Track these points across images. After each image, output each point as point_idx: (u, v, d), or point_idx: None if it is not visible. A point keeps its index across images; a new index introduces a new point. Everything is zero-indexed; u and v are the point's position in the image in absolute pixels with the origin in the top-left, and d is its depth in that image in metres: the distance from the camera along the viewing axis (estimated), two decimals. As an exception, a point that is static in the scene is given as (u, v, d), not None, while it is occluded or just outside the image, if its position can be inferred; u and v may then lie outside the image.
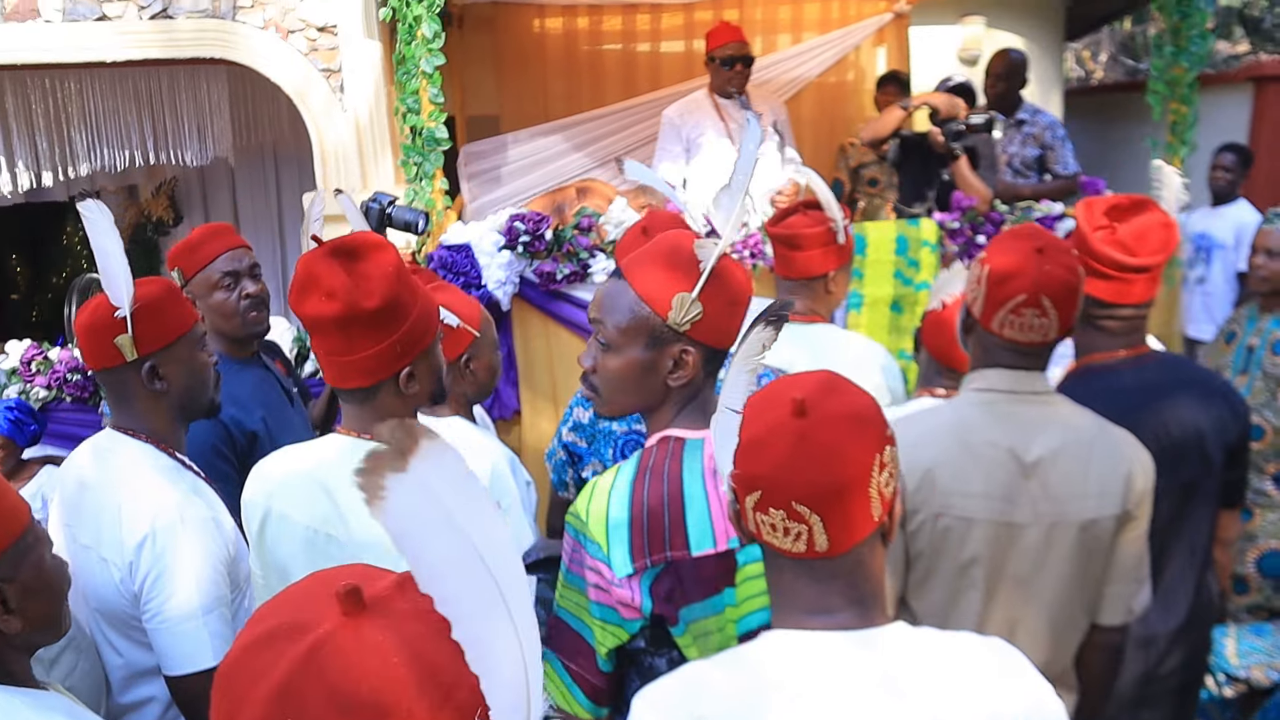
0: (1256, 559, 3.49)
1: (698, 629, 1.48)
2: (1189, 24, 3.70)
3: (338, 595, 0.75)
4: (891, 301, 3.78)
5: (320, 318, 1.64)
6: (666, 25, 5.78)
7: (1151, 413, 2.18)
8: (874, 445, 1.15)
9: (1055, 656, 1.91)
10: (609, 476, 1.56)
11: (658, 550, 1.46)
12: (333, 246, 1.67)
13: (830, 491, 1.13)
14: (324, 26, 4.26)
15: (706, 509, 1.48)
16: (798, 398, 1.15)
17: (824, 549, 1.14)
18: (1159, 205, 2.23)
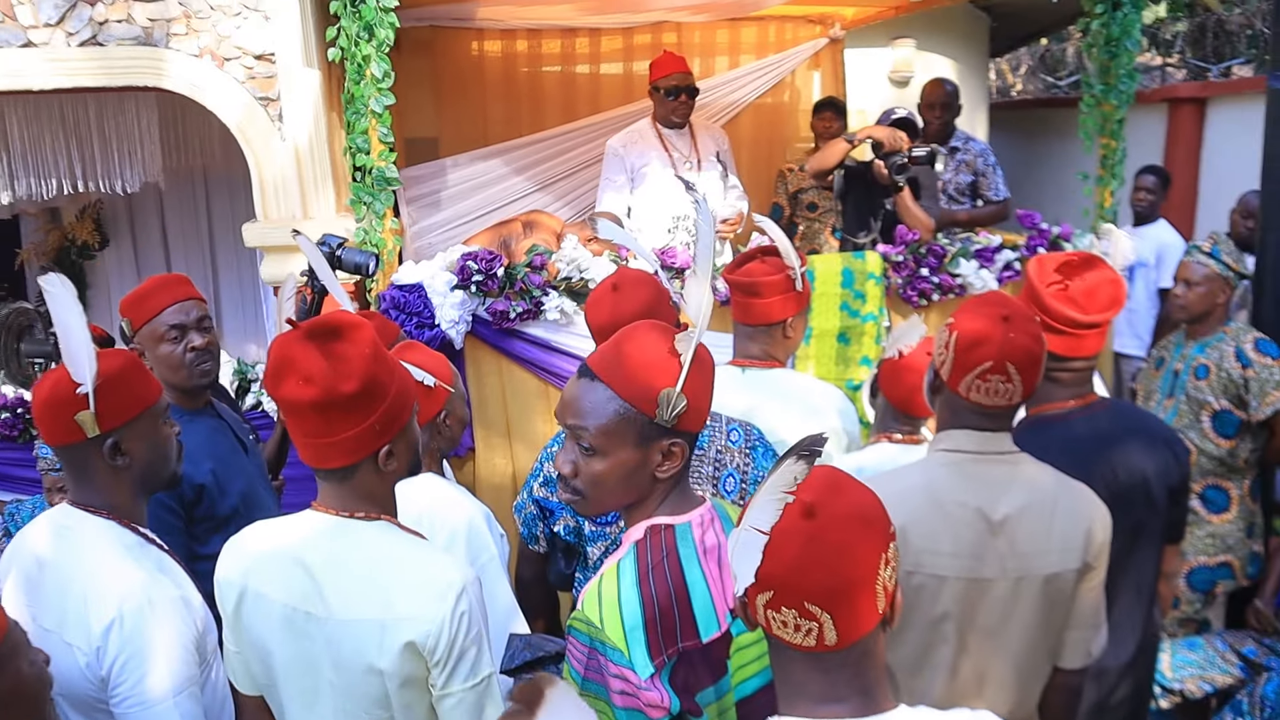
0: (1186, 574, 3.63)
1: (715, 710, 1.52)
2: (1118, 63, 3.84)
3: None
4: (838, 333, 3.85)
5: (298, 402, 1.62)
6: (606, 49, 5.80)
7: (1102, 460, 2.28)
8: (880, 545, 1.20)
9: (1022, 701, 1.99)
10: (612, 580, 1.55)
11: (671, 644, 1.49)
12: (308, 329, 1.65)
13: (840, 591, 1.17)
14: (261, 54, 4.19)
15: (708, 594, 1.52)
16: (806, 500, 1.18)
17: (833, 643, 1.18)
18: (1106, 262, 2.31)
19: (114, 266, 6.01)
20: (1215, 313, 3.56)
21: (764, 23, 5.91)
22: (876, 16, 5.69)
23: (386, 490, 1.79)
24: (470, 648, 1.75)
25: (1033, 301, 2.26)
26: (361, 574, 1.70)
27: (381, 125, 3.41)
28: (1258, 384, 3.42)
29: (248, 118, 4.22)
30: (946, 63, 6.81)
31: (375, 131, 3.41)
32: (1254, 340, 3.49)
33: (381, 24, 3.28)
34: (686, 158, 4.58)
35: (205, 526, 2.51)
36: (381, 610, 1.67)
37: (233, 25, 4.16)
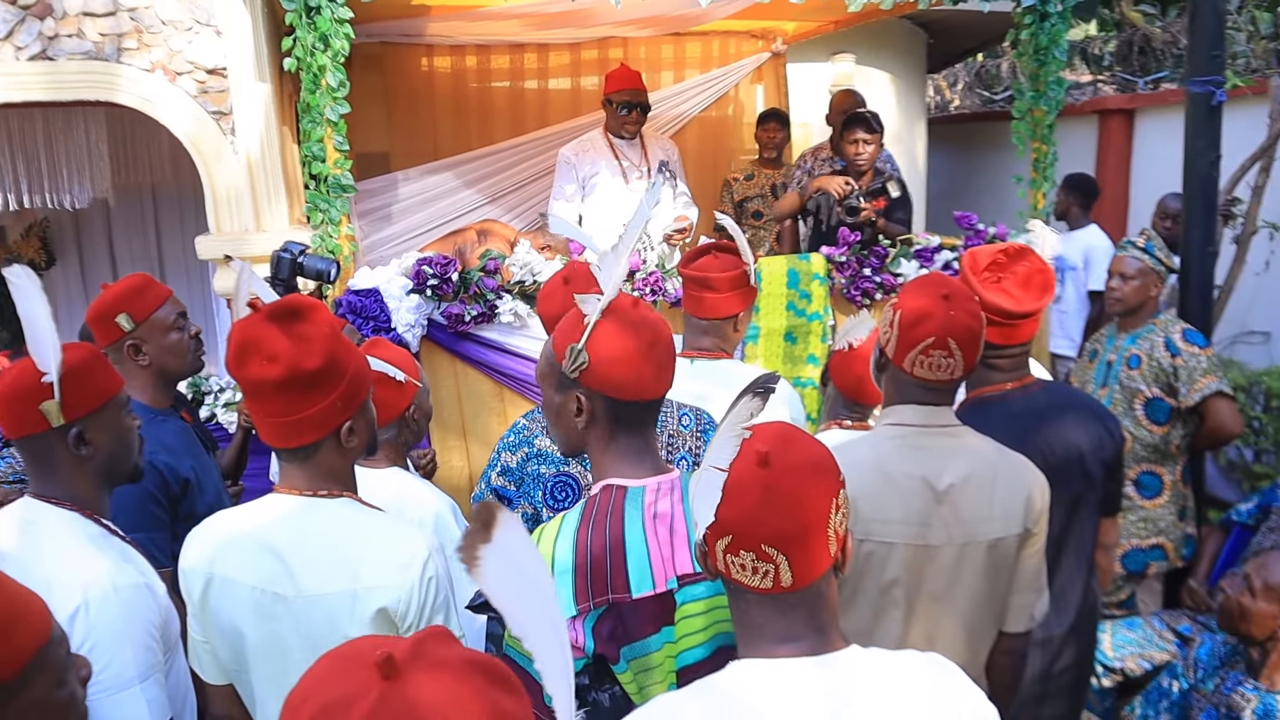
0: (1121, 555, 3.76)
1: (639, 665, 1.59)
2: (1046, 71, 4.01)
3: (376, 664, 0.84)
4: (785, 332, 3.96)
5: (263, 381, 1.67)
6: (554, 64, 5.89)
7: (1038, 435, 2.39)
8: (831, 490, 1.28)
9: (969, 664, 2.06)
10: (555, 524, 1.65)
11: (600, 593, 1.56)
12: (270, 310, 1.71)
13: (795, 534, 1.25)
14: (213, 69, 4.22)
15: (646, 554, 1.59)
16: (761, 450, 1.27)
17: (789, 584, 1.26)
18: (1036, 254, 2.43)
19: (61, 285, 5.95)
20: (1147, 305, 3.73)
21: (708, 38, 6.04)
22: (816, 31, 5.84)
23: (347, 467, 1.85)
24: (439, 613, 1.81)
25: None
26: (329, 549, 1.74)
27: (337, 134, 3.46)
28: (1186, 372, 3.57)
29: (200, 131, 4.24)
30: (885, 77, 7.01)
31: (330, 140, 3.46)
32: (1182, 330, 3.65)
33: (337, 34, 3.34)
34: (636, 167, 4.69)
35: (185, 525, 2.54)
36: (351, 581, 1.72)
37: (184, 40, 4.19)
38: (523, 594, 0.90)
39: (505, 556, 0.89)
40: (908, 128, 7.35)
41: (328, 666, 0.88)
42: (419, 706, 0.83)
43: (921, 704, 1.28)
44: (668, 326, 1.71)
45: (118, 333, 2.55)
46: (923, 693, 1.29)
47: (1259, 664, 2.58)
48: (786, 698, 1.25)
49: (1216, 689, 2.69)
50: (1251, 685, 2.59)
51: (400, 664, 0.84)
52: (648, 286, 3.76)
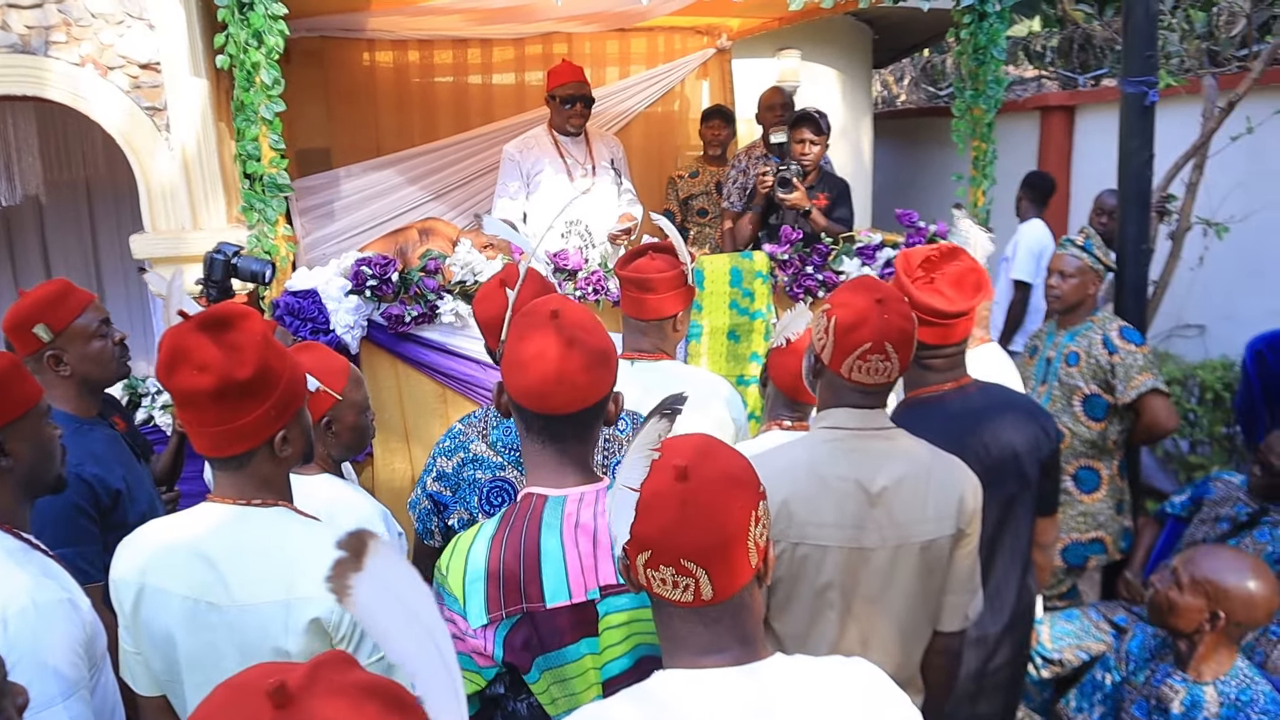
0: (1061, 549, 3.83)
1: (554, 675, 1.58)
2: (985, 70, 4.05)
3: (267, 694, 0.82)
4: (728, 330, 3.96)
5: (194, 391, 1.64)
6: (498, 59, 5.84)
7: (974, 436, 2.41)
8: (750, 503, 1.28)
9: (905, 663, 2.10)
10: (472, 532, 1.64)
11: (513, 602, 1.56)
12: (200, 319, 1.67)
13: (714, 547, 1.24)
14: (146, 64, 4.13)
15: (563, 564, 1.58)
16: (679, 464, 1.26)
17: (709, 597, 1.26)
18: (968, 254, 2.45)
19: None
20: (1086, 303, 3.79)
21: (653, 34, 6.03)
22: (761, 28, 5.85)
23: (282, 477, 1.82)
24: None
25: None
26: (263, 558, 1.72)
27: (272, 132, 3.40)
28: (1123, 369, 3.63)
29: (133, 127, 4.15)
30: (831, 73, 7.04)
31: (266, 139, 3.40)
32: (1119, 328, 3.71)
33: (270, 31, 3.28)
34: (581, 164, 4.66)
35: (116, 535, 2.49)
36: (285, 591, 1.69)
37: (115, 34, 4.10)
38: (402, 624, 0.89)
39: (379, 585, 0.88)
40: (854, 123, 7.40)
41: (221, 697, 0.87)
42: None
43: (845, 712, 1.28)
44: (593, 338, 1.67)
45: (36, 344, 2.48)
46: (847, 701, 1.30)
47: (1187, 656, 2.63)
48: (712, 707, 1.25)
49: (1147, 681, 2.74)
50: (1180, 677, 2.64)
51: (293, 692, 0.83)
52: (590, 286, 3.75)
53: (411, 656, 0.89)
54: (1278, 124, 5.11)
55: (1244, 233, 5.27)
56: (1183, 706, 2.60)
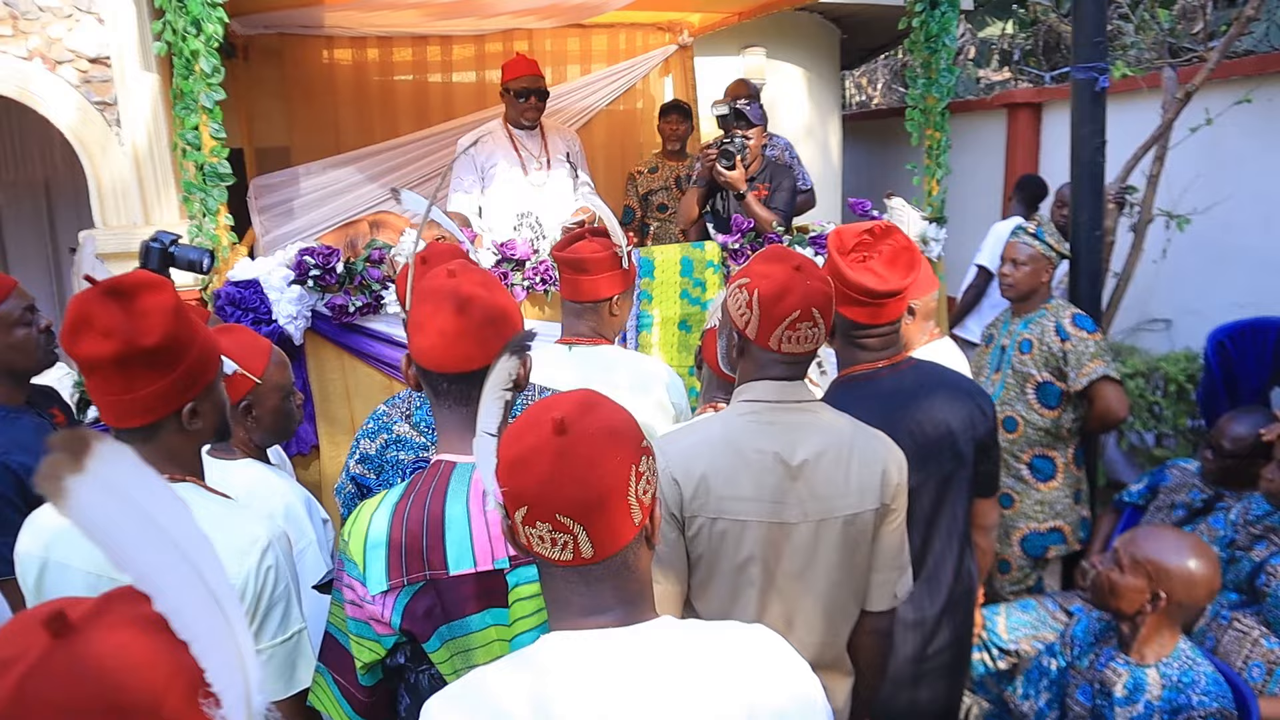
0: (1019, 540, 3.81)
1: (458, 645, 1.54)
2: (937, 59, 4.04)
3: (43, 622, 0.78)
4: (680, 320, 3.94)
5: (97, 358, 1.61)
6: (458, 56, 5.82)
7: (907, 414, 2.38)
8: (629, 457, 1.24)
9: (830, 643, 2.07)
10: (376, 499, 1.62)
11: (415, 569, 1.53)
12: (107, 286, 1.64)
13: (591, 503, 1.21)
14: (96, 58, 4.10)
15: (468, 531, 1.55)
16: (557, 417, 1.22)
17: (589, 556, 1.22)
18: (901, 232, 2.42)
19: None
20: (1040, 290, 3.78)
21: (614, 30, 6.02)
22: (722, 23, 5.84)
23: (192, 452, 1.79)
24: (279, 603, 1.75)
25: (833, 274, 2.32)
26: None
27: (212, 120, 3.37)
28: (1075, 356, 3.62)
29: (83, 122, 4.12)
30: (797, 71, 7.04)
31: (206, 127, 3.37)
32: (1072, 315, 3.70)
33: (209, 19, 3.24)
34: (536, 158, 4.64)
35: None
36: None
37: (64, 28, 4.07)
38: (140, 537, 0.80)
39: (109, 492, 0.78)
40: (821, 123, 7.40)
41: (5, 627, 0.83)
42: (87, 663, 0.78)
43: (732, 675, 1.25)
44: (491, 293, 1.66)
45: None
46: (735, 664, 1.26)
47: (1129, 639, 2.61)
48: (593, 667, 1.22)
49: (1091, 665, 2.71)
50: (1123, 660, 2.61)
51: (74, 621, 0.79)
52: (538, 275, 3.72)
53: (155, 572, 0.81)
54: (1236, 116, 5.11)
55: (1205, 225, 5.27)
56: (1126, 690, 2.57)
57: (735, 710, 1.21)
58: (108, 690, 0.77)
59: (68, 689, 0.77)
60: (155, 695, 0.79)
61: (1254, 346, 4.74)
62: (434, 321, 1.61)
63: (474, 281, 1.66)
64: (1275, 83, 5.24)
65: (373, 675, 1.58)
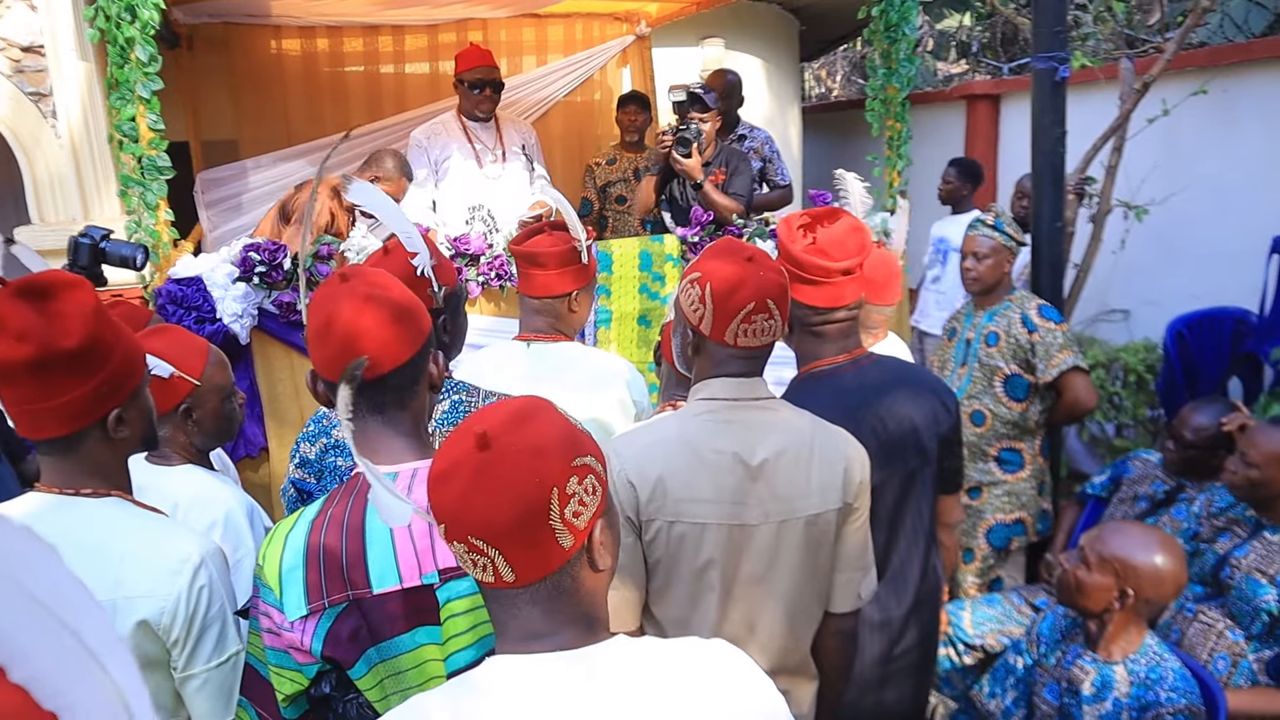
0: (985, 532, 3.78)
1: (388, 669, 1.44)
2: (897, 49, 3.99)
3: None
4: (639, 316, 3.86)
5: (10, 362, 1.50)
6: (411, 47, 5.70)
7: (870, 410, 2.32)
8: (553, 478, 1.12)
9: (794, 646, 2.00)
10: (292, 518, 1.50)
11: (337, 590, 1.42)
12: (19, 286, 1.53)
13: (504, 527, 1.10)
14: (30, 46, 3.95)
15: (391, 546, 1.44)
16: (480, 431, 1.13)
17: (510, 580, 1.13)
18: (848, 211, 2.36)
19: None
20: (1003, 282, 3.74)
21: (570, 20, 5.93)
22: (680, 14, 5.77)
23: (119, 462, 1.69)
24: (213, 624, 1.66)
25: (785, 259, 2.27)
26: (88, 554, 1.58)
27: (150, 112, 3.24)
28: (1043, 347, 3.59)
29: (16, 114, 3.97)
30: (756, 62, 6.98)
31: (144, 118, 3.24)
32: (1038, 306, 3.67)
33: (145, 4, 3.11)
34: (490, 150, 4.54)
35: None
36: (110, 590, 1.57)
37: (-6, 14, 3.92)
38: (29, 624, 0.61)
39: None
40: (781, 114, 7.35)
41: None
42: None
43: (689, 697, 1.17)
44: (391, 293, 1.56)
45: None
46: (692, 685, 1.18)
47: (1097, 636, 2.57)
48: (535, 695, 1.13)
49: (1058, 663, 2.67)
50: (1090, 658, 2.58)
51: None
52: (493, 271, 3.62)
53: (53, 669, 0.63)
54: (1192, 107, 5.12)
55: (1163, 216, 5.28)
56: (1093, 687, 2.54)
57: None
58: None
59: None
60: None
61: (1212, 337, 4.77)
62: (334, 330, 1.50)
63: (369, 283, 1.55)
64: (1230, 74, 5.26)
65: (296, 707, 1.47)
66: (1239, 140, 5.29)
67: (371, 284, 1.55)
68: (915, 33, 4.02)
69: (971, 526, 3.80)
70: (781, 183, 5.30)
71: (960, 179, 5.86)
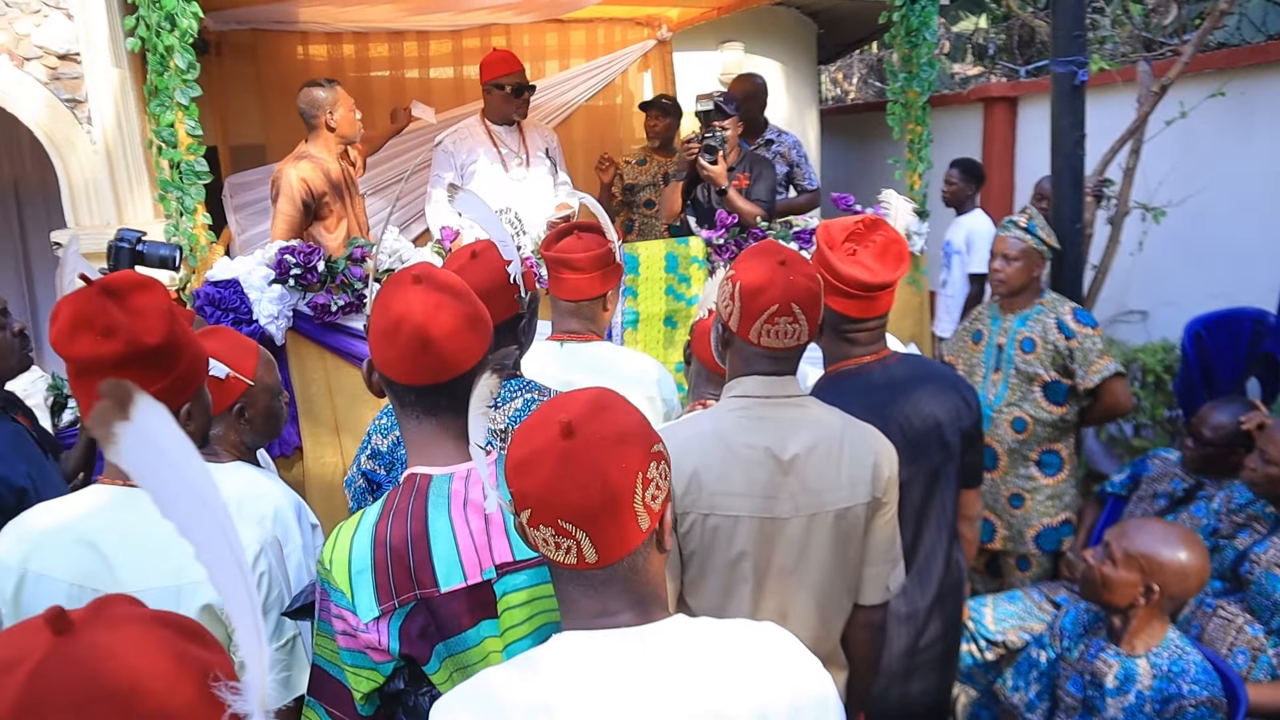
0: (1034, 537, 3.76)
1: (456, 663, 1.49)
2: (918, 53, 4.04)
3: (47, 621, 0.80)
4: (665, 317, 3.92)
5: (97, 358, 1.57)
6: (435, 52, 5.77)
7: (896, 407, 2.38)
8: (637, 463, 1.21)
9: (824, 637, 2.05)
10: (354, 521, 1.54)
11: (405, 590, 1.46)
12: (103, 285, 1.61)
13: (594, 509, 1.18)
14: (66, 54, 4.04)
15: (454, 544, 1.49)
16: (564, 419, 1.20)
17: (593, 561, 1.20)
18: (890, 225, 2.41)
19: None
20: (1032, 286, 3.69)
21: (592, 25, 5.99)
22: (700, 18, 5.83)
23: None
24: (272, 610, 1.72)
25: (823, 266, 2.31)
26: (152, 543, 1.64)
27: (189, 118, 3.32)
28: (1082, 354, 3.56)
29: (53, 120, 4.06)
30: (775, 65, 7.03)
31: (182, 124, 3.32)
32: (1072, 311, 3.63)
33: (184, 14, 3.19)
34: (516, 154, 4.61)
35: None
36: (174, 577, 1.62)
37: (32, 23, 4.01)
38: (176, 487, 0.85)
39: (149, 442, 0.84)
40: (799, 117, 7.40)
41: (9, 628, 0.85)
42: (96, 656, 0.79)
43: (742, 674, 1.24)
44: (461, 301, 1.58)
45: None
46: (745, 663, 1.25)
47: (1121, 631, 2.61)
48: (600, 668, 1.21)
49: (1081, 656, 2.72)
50: (1113, 651, 2.62)
51: (75, 621, 0.80)
52: (522, 273, 3.68)
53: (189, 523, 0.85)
54: (1210, 109, 5.15)
55: (1181, 217, 5.31)
56: (1117, 680, 2.58)
57: (745, 710, 1.20)
58: (120, 681, 0.78)
59: (78, 682, 0.78)
60: (168, 683, 0.80)
61: (1230, 337, 4.78)
62: (402, 333, 1.53)
63: (441, 287, 1.58)
64: (1247, 76, 5.28)
65: (371, 704, 1.52)
66: (1257, 142, 5.31)
67: (445, 286, 1.58)
68: (935, 36, 4.07)
69: (1018, 534, 3.79)
70: (809, 187, 5.32)
71: (964, 180, 5.84)
